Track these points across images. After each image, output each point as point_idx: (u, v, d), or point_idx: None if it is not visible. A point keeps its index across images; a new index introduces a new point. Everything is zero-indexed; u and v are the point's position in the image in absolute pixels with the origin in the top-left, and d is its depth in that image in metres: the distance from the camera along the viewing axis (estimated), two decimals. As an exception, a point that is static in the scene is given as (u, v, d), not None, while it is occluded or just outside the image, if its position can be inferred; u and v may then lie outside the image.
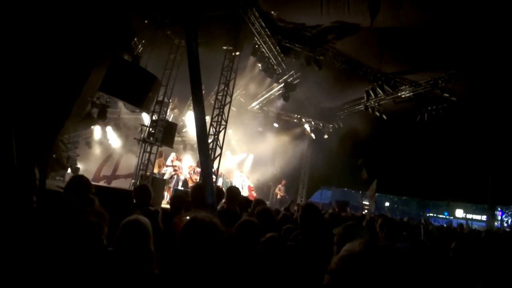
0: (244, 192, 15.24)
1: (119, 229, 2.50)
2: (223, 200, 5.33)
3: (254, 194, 16.66)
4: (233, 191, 5.22)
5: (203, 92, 3.95)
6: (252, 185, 17.48)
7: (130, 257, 2.36)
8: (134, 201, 4.74)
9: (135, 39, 11.23)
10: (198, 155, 15.37)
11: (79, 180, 3.78)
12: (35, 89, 6.59)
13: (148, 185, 5.09)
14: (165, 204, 10.93)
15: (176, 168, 14.33)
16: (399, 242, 4.40)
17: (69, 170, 13.92)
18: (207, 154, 4.02)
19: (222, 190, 5.91)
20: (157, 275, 2.34)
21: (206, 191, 3.55)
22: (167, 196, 12.81)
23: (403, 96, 13.52)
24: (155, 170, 12.67)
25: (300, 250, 3.22)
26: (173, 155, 14.59)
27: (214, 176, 10.70)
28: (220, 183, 14.94)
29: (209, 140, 10.63)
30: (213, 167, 10.80)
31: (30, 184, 2.76)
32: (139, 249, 2.40)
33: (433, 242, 4.76)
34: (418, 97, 13.28)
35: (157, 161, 13.07)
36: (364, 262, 1.07)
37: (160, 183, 11.75)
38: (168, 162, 14.48)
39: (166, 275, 2.24)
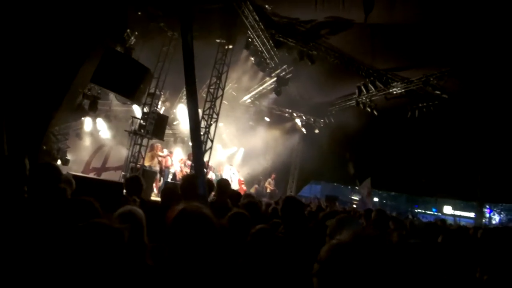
0: (234, 186, 15.20)
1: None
2: (213, 193, 5.33)
3: (244, 188, 16.67)
4: (223, 183, 5.24)
5: (195, 84, 3.94)
6: (242, 179, 17.48)
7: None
8: (125, 192, 4.73)
9: (128, 30, 11.11)
10: (188, 148, 15.45)
11: (45, 168, 3.26)
12: (26, 80, 6.54)
13: (139, 176, 5.09)
14: (153, 196, 10.95)
15: (160, 159, 14.20)
16: (385, 233, 4.46)
17: (59, 162, 13.81)
18: (199, 145, 4.03)
19: (212, 182, 5.91)
20: (150, 266, 2.35)
21: (198, 182, 3.56)
22: (154, 188, 12.73)
23: (394, 92, 13.59)
24: (147, 163, 12.59)
25: (287, 242, 3.25)
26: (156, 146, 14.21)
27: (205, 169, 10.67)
28: (209, 176, 14.88)
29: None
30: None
31: (20, 175, 2.75)
32: (133, 241, 2.39)
33: (419, 236, 4.83)
34: (409, 93, 13.34)
35: (150, 153, 12.97)
36: (353, 251, 1.10)
37: (150, 175, 11.71)
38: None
39: (159, 266, 2.24)
